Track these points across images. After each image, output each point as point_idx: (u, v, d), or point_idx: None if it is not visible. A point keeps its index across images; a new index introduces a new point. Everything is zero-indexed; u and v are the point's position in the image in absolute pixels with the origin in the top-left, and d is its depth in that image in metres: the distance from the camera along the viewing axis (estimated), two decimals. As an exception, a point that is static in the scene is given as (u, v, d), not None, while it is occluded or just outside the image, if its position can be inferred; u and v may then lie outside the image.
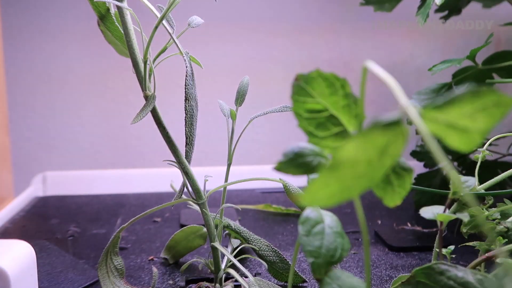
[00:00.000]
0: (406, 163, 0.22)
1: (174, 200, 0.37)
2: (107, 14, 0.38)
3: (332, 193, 0.14)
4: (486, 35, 0.52)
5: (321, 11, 0.81)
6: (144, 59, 0.34)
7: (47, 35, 0.76)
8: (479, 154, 0.38)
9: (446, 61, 0.51)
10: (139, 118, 0.34)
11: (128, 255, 0.48)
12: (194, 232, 0.45)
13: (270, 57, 0.80)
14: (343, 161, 0.14)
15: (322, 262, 0.23)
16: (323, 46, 0.81)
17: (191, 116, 0.36)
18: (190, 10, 0.48)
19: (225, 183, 0.39)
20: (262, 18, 0.80)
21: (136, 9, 0.35)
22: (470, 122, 0.14)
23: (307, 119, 0.22)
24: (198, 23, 0.36)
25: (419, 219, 0.58)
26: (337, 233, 0.24)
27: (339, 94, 0.21)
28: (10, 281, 0.30)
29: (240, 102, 0.39)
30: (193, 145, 0.37)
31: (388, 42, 0.82)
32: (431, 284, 0.26)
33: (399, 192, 0.22)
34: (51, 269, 0.44)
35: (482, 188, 0.36)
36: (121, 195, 0.70)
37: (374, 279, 0.43)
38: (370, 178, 0.15)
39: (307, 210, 0.24)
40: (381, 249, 0.51)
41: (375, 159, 0.15)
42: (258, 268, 0.45)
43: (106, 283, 0.38)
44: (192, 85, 0.36)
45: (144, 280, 0.43)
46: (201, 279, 0.42)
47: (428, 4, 0.48)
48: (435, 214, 0.34)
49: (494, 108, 0.14)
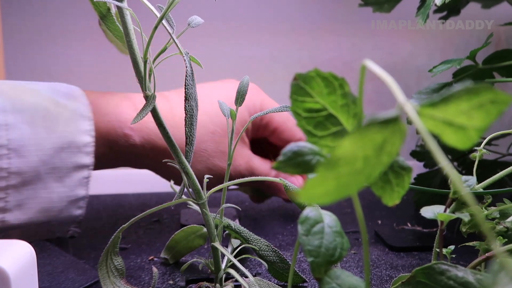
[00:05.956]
0: (405, 162, 0.22)
1: (174, 200, 0.37)
2: (107, 14, 0.38)
3: (329, 190, 0.15)
4: (486, 35, 0.52)
5: (321, 11, 0.81)
6: (144, 59, 0.34)
7: (47, 35, 0.76)
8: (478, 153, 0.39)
9: (446, 61, 0.51)
10: (139, 118, 0.34)
11: (128, 255, 0.48)
12: (194, 232, 0.45)
13: (270, 57, 0.80)
14: (340, 158, 0.14)
15: (322, 261, 0.23)
16: (323, 46, 0.81)
17: (191, 116, 0.36)
18: (190, 10, 0.48)
19: (225, 183, 0.39)
20: (262, 18, 0.80)
21: (136, 9, 0.35)
22: (466, 119, 0.14)
23: (306, 119, 0.22)
24: (198, 23, 0.36)
25: (419, 219, 0.58)
26: (336, 233, 0.24)
27: (337, 94, 0.21)
28: (10, 281, 0.30)
29: (240, 102, 0.40)
30: (193, 145, 0.37)
31: (388, 42, 0.82)
32: (431, 284, 0.26)
33: (398, 191, 0.22)
34: (52, 269, 0.44)
35: (480, 187, 0.36)
36: (121, 195, 0.70)
37: (374, 279, 0.43)
38: (367, 175, 0.15)
39: (307, 210, 0.24)
40: (381, 249, 0.51)
41: (372, 156, 0.15)
42: (258, 268, 0.45)
43: (106, 283, 0.38)
44: (192, 85, 0.36)
45: (144, 280, 0.43)
46: (201, 279, 0.42)
47: (428, 4, 0.48)
48: (436, 214, 0.34)
49: (490, 106, 0.14)
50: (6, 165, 0.41)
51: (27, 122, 0.42)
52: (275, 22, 0.80)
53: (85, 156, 0.44)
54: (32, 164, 0.42)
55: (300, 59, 0.81)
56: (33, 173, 0.42)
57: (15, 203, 0.42)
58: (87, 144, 0.44)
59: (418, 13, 0.52)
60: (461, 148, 0.15)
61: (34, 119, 0.42)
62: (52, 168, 0.43)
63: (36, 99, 0.43)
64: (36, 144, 0.42)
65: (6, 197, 0.41)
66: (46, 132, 0.42)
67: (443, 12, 0.66)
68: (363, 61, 0.17)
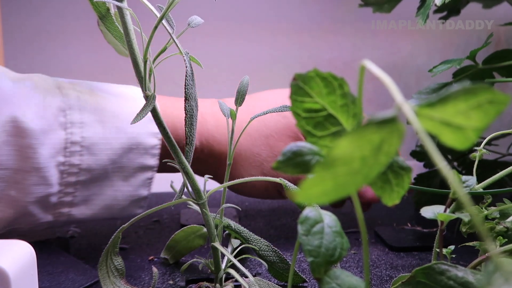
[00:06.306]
0: (404, 162, 0.22)
1: (174, 200, 0.37)
2: (107, 14, 0.38)
3: (327, 189, 0.15)
4: (486, 35, 0.52)
5: (321, 11, 0.81)
6: (144, 59, 0.34)
7: (47, 35, 0.76)
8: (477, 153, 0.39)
9: (446, 61, 0.51)
10: (139, 118, 0.34)
11: (128, 255, 0.48)
12: (194, 232, 0.45)
13: (270, 57, 0.80)
14: (337, 158, 0.14)
15: (322, 261, 0.23)
16: (323, 46, 0.81)
17: (191, 116, 0.36)
18: (190, 10, 0.48)
19: (225, 183, 0.39)
20: (262, 18, 0.80)
21: (136, 9, 0.35)
22: (464, 119, 0.14)
23: (305, 119, 0.22)
24: (198, 23, 0.36)
25: (419, 219, 0.58)
26: (336, 233, 0.24)
27: (337, 94, 0.21)
28: (10, 281, 0.30)
29: (240, 102, 0.40)
30: (193, 145, 0.37)
31: (388, 42, 0.82)
32: (431, 284, 0.26)
33: (397, 191, 0.22)
34: (52, 269, 0.44)
35: (480, 187, 0.36)
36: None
37: (374, 279, 0.43)
38: (365, 175, 0.15)
39: (307, 210, 0.24)
40: (381, 249, 0.51)
41: (370, 157, 0.15)
42: (258, 268, 0.45)
43: (106, 283, 0.38)
44: (192, 85, 0.36)
45: (144, 280, 0.43)
46: (201, 279, 0.42)
47: (428, 4, 0.48)
48: (436, 214, 0.34)
49: (488, 106, 0.14)
50: (77, 162, 0.43)
51: (100, 122, 0.43)
52: (275, 22, 0.80)
53: (151, 157, 0.45)
54: (101, 162, 0.44)
55: (300, 59, 0.81)
56: (101, 170, 0.44)
57: (82, 198, 0.44)
58: (154, 146, 0.45)
59: (418, 13, 0.52)
60: (460, 148, 0.15)
61: (106, 119, 0.44)
62: (119, 167, 0.45)
63: (108, 100, 0.45)
64: (107, 143, 0.44)
65: (75, 192, 0.43)
66: (116, 132, 0.44)
67: (443, 12, 0.66)
68: (362, 61, 0.17)
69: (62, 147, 0.42)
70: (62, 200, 0.43)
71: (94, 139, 0.43)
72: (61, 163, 0.42)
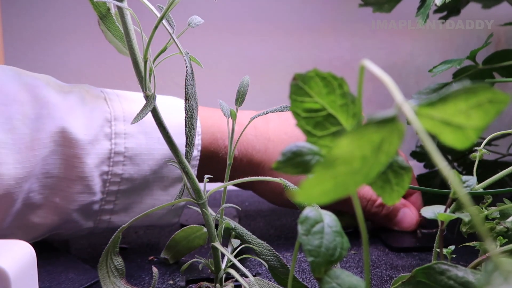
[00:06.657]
0: (404, 161, 0.22)
1: (174, 200, 0.37)
2: (107, 14, 0.38)
3: (327, 189, 0.15)
4: (486, 35, 0.52)
5: (321, 11, 0.81)
6: (144, 59, 0.34)
7: (47, 35, 0.76)
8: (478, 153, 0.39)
9: (446, 61, 0.51)
10: (139, 118, 0.34)
11: (128, 255, 0.48)
12: (194, 232, 0.45)
13: (270, 57, 0.80)
14: (337, 157, 0.14)
15: (322, 261, 0.23)
16: (323, 46, 0.81)
17: (191, 116, 0.36)
18: (190, 10, 0.48)
19: (225, 183, 0.39)
20: (262, 18, 0.80)
21: (136, 9, 0.35)
22: (464, 119, 0.14)
23: (305, 118, 0.22)
24: (198, 23, 0.36)
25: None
26: (336, 232, 0.24)
27: (336, 93, 0.21)
28: (10, 281, 0.30)
29: (240, 102, 0.40)
30: (193, 145, 0.37)
31: (388, 42, 0.82)
32: (432, 284, 0.26)
33: (397, 190, 0.22)
34: (52, 269, 0.44)
35: (481, 187, 0.36)
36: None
37: (374, 279, 0.43)
38: (365, 175, 0.15)
39: (307, 210, 0.24)
40: (381, 249, 0.51)
41: (370, 156, 0.15)
42: (258, 268, 0.45)
43: (106, 283, 0.38)
44: (192, 85, 0.36)
45: (144, 280, 0.43)
46: (202, 279, 0.42)
47: (428, 4, 0.48)
48: (436, 214, 0.34)
49: (489, 105, 0.14)
50: (120, 171, 0.43)
51: (143, 132, 0.44)
52: (275, 22, 0.80)
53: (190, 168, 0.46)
54: (143, 172, 0.44)
55: (300, 59, 0.81)
56: (142, 180, 0.45)
57: (122, 206, 0.45)
58: (193, 157, 0.46)
59: (418, 13, 0.52)
60: (460, 148, 0.15)
61: (149, 130, 0.44)
62: (159, 178, 0.45)
63: None
64: (149, 153, 0.44)
65: (116, 200, 0.44)
66: (159, 143, 0.44)
67: (443, 12, 0.66)
68: (361, 61, 0.17)
69: (106, 157, 0.43)
70: (104, 208, 0.44)
71: (137, 150, 0.44)
72: (104, 172, 0.43)
